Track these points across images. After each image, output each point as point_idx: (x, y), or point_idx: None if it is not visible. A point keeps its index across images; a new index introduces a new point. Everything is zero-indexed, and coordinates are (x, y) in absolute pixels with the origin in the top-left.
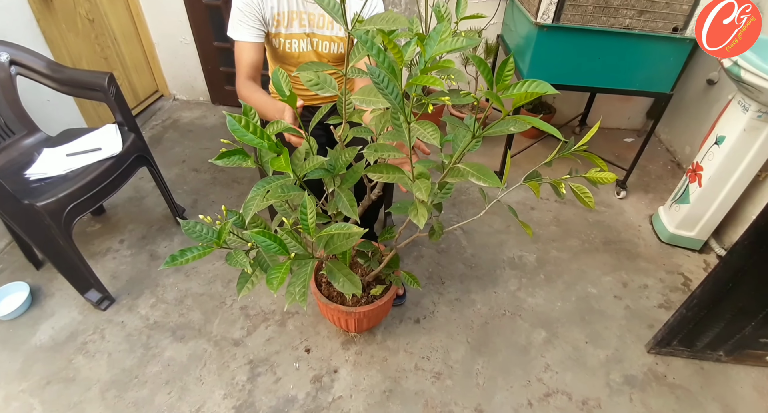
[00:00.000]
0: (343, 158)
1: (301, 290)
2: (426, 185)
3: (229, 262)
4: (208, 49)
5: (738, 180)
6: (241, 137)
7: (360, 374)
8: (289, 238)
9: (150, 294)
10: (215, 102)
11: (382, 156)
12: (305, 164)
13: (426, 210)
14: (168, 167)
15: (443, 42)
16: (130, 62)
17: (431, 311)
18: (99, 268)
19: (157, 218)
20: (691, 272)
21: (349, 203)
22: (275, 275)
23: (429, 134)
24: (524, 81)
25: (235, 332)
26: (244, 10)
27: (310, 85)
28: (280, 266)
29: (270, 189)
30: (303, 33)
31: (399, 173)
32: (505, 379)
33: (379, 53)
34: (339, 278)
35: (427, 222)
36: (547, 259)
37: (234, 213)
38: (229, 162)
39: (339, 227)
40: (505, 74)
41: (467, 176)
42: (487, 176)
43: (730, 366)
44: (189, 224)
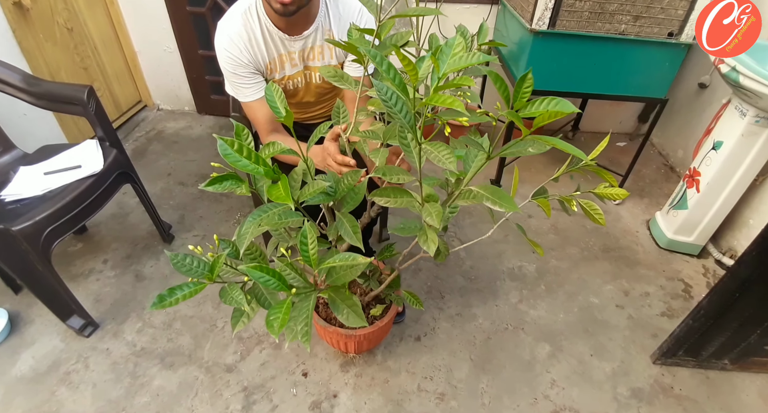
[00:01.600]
0: (346, 181)
1: (304, 329)
2: (437, 209)
3: (224, 299)
4: (192, 57)
5: (736, 185)
6: (234, 162)
7: (361, 398)
8: (289, 270)
9: (136, 318)
10: (201, 111)
11: (391, 180)
12: (305, 190)
13: (436, 236)
14: (153, 181)
15: (456, 56)
16: (111, 72)
17: (432, 327)
18: (81, 291)
19: (143, 235)
20: (691, 278)
21: (352, 229)
22: (276, 315)
23: (444, 157)
24: (543, 99)
25: (228, 357)
26: (239, 72)
27: (329, 76)
28: (281, 305)
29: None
30: (298, 71)
31: (406, 196)
32: (511, 398)
33: (389, 69)
34: (342, 310)
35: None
36: (547, 269)
37: (227, 243)
38: (221, 188)
39: (343, 258)
40: (523, 91)
41: (481, 200)
42: (503, 200)
43: (735, 374)
44: (177, 257)
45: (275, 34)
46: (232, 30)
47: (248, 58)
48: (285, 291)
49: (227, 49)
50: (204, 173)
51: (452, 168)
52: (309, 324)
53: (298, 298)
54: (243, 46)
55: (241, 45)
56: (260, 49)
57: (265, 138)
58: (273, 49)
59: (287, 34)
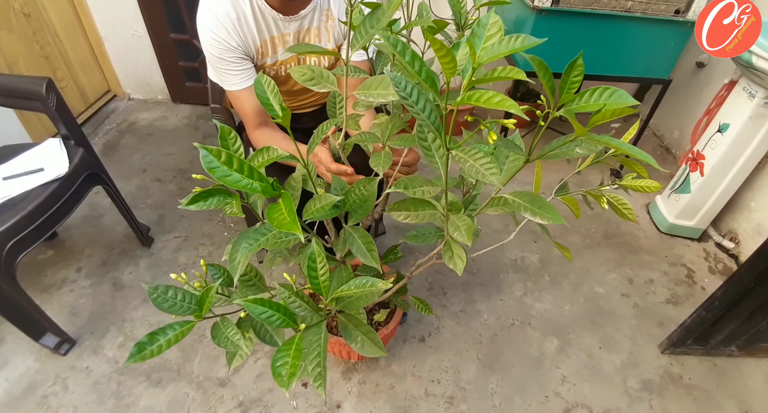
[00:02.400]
0: (358, 192)
1: (316, 370)
2: (466, 223)
3: (217, 340)
4: (163, 41)
5: (741, 168)
6: (223, 177)
7: (366, 407)
8: (295, 299)
9: (117, 332)
10: (176, 100)
11: (414, 194)
12: (310, 206)
13: (464, 251)
14: (127, 178)
15: (493, 41)
16: (75, 60)
17: (436, 326)
18: (54, 304)
19: (119, 239)
20: (693, 262)
21: (365, 246)
22: (283, 360)
23: (483, 167)
24: (593, 89)
25: (220, 370)
26: (225, 57)
27: (304, 80)
28: (288, 346)
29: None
30: (291, 56)
31: (429, 208)
32: (522, 397)
33: (414, 60)
34: (356, 337)
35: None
36: (549, 259)
37: (217, 269)
38: (206, 206)
39: (360, 285)
40: (571, 81)
41: (519, 210)
42: (545, 211)
43: (742, 360)
44: (157, 291)
45: (268, 14)
46: (218, 8)
47: (237, 41)
48: (292, 327)
49: (213, 30)
50: (183, 167)
51: (495, 182)
52: (322, 363)
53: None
54: (231, 27)
55: (229, 26)
56: (250, 30)
57: (253, 134)
58: (265, 30)
59: (282, 14)
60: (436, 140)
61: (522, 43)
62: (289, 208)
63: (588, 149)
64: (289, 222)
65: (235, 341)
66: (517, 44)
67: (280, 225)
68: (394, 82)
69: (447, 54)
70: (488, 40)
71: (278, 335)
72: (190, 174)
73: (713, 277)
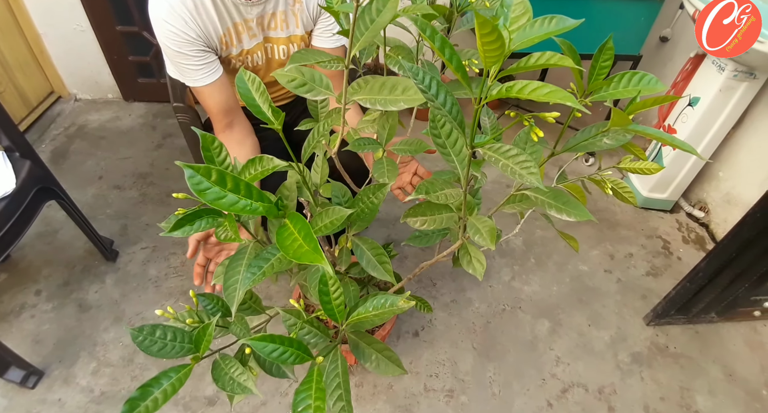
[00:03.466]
0: (367, 200)
1: (339, 404)
2: (488, 226)
3: (221, 384)
4: (110, 35)
5: (711, 140)
6: (216, 200)
7: (366, 410)
8: (304, 325)
9: (88, 357)
10: (128, 98)
11: (438, 198)
12: (317, 221)
13: (483, 256)
14: (82, 188)
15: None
16: (12, 61)
17: (429, 319)
18: (15, 333)
19: (79, 255)
20: (668, 234)
21: (377, 258)
22: (305, 404)
23: (520, 167)
24: (621, 75)
25: (207, 388)
26: (184, 50)
27: (294, 86)
28: (308, 384)
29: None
30: (257, 43)
31: (446, 211)
32: (520, 382)
33: (444, 46)
34: (370, 356)
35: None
36: (533, 240)
37: (210, 299)
38: (193, 230)
39: (380, 306)
40: (600, 67)
41: (543, 207)
42: (572, 207)
43: (721, 325)
44: (143, 333)
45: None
46: None
47: (196, 31)
48: (309, 361)
49: (167, 20)
50: (143, 171)
51: (535, 182)
52: (345, 396)
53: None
54: (188, 17)
55: (186, 15)
56: (210, 18)
57: (220, 136)
58: (227, 17)
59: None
60: (451, 135)
61: (557, 26)
62: (305, 232)
63: (616, 139)
64: (308, 251)
65: (242, 382)
66: (552, 27)
67: (297, 256)
68: (412, 73)
69: (496, 38)
70: (514, 23)
71: (288, 367)
72: (151, 179)
73: (687, 247)
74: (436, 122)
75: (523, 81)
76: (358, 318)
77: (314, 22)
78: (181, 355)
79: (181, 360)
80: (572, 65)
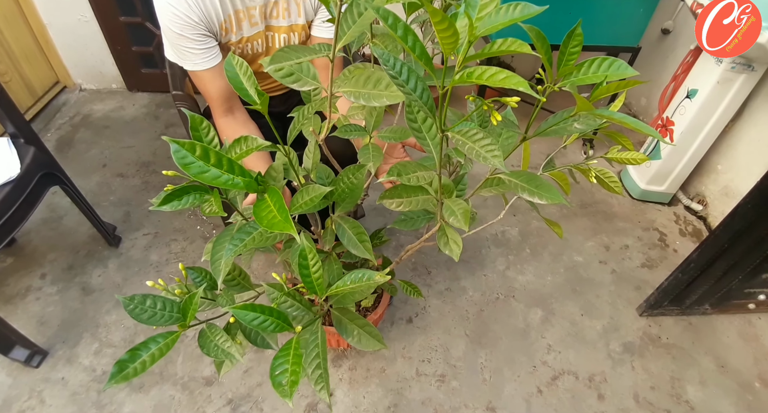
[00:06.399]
0: (347, 180)
1: (317, 373)
2: (462, 208)
3: (206, 350)
4: (113, 25)
5: (709, 132)
6: (200, 174)
7: (359, 392)
8: (287, 299)
9: (91, 338)
10: (132, 88)
11: (409, 181)
12: (297, 199)
13: (459, 237)
14: (86, 176)
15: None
16: (18, 51)
17: (423, 306)
18: (20, 315)
19: (83, 240)
20: (665, 226)
21: (357, 237)
22: (282, 368)
23: (484, 150)
24: (591, 61)
25: (205, 368)
26: (186, 34)
27: (281, 76)
28: (286, 351)
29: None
30: (259, 31)
31: (422, 193)
32: (511, 369)
33: (407, 34)
34: (352, 332)
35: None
36: (529, 231)
37: (198, 272)
38: (180, 205)
39: (356, 279)
40: (569, 53)
41: (516, 190)
42: (544, 190)
43: (715, 317)
44: (134, 302)
45: None
46: None
47: (199, 15)
48: (288, 330)
49: (171, 4)
50: (145, 160)
51: (498, 165)
52: (323, 364)
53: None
54: (192, 1)
55: None
56: (213, 3)
57: (219, 122)
58: (229, 3)
59: None
60: (426, 120)
61: (522, 12)
62: (279, 205)
63: (586, 124)
64: (280, 221)
65: (225, 349)
66: (516, 13)
67: (270, 225)
68: (383, 60)
69: (448, 26)
70: (483, 10)
71: (271, 337)
72: (153, 167)
73: (684, 239)
74: (412, 107)
75: (482, 67)
76: (337, 290)
77: (315, 11)
78: (170, 323)
79: (170, 328)
80: (529, 51)
